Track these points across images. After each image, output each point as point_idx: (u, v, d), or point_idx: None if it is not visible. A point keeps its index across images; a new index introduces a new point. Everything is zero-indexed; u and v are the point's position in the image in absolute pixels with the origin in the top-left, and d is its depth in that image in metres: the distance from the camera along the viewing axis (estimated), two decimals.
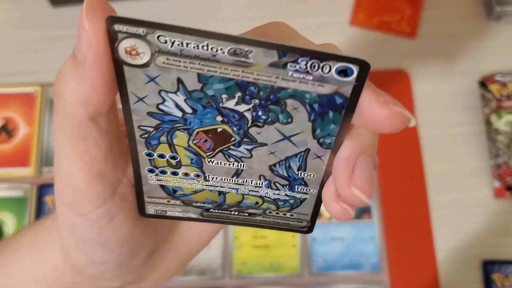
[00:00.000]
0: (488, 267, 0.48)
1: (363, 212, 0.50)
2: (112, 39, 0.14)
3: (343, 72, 0.15)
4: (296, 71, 0.15)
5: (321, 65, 0.15)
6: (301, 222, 0.20)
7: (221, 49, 0.14)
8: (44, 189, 0.51)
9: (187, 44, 0.14)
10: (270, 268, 0.49)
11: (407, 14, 0.58)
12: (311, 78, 0.15)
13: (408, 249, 0.49)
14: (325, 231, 0.50)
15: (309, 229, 0.21)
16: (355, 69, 0.15)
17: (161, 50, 0.14)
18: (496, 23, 0.56)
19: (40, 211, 0.51)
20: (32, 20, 0.58)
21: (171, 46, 0.14)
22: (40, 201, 0.51)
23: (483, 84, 0.53)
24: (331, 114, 0.16)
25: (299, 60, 0.14)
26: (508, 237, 0.50)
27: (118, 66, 0.15)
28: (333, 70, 0.15)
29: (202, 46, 0.14)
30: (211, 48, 0.14)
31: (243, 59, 0.14)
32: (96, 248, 0.19)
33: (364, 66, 0.15)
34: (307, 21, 0.57)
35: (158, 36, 0.14)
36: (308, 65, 0.15)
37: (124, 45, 0.14)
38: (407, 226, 0.50)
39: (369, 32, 0.57)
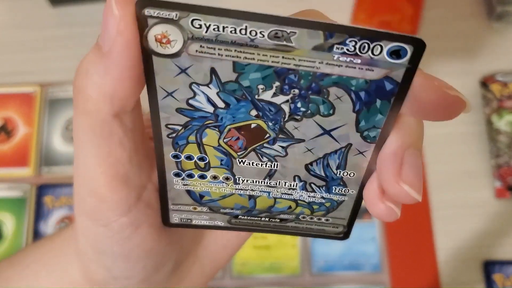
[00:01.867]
0: (489, 267, 0.48)
1: (364, 212, 0.50)
2: (142, 25, 0.13)
3: (396, 54, 0.13)
4: (343, 53, 0.13)
5: (372, 46, 0.13)
6: (337, 227, 0.19)
7: (261, 32, 0.13)
8: (44, 189, 0.51)
9: (223, 28, 0.13)
10: (271, 268, 0.49)
11: (407, 14, 0.58)
12: (359, 61, 0.13)
13: (408, 250, 0.49)
14: None
15: (345, 235, 0.19)
16: (409, 49, 0.13)
17: (194, 37, 0.13)
18: (497, 23, 0.56)
19: (39, 211, 0.50)
20: (31, 20, 0.58)
21: (206, 32, 0.13)
22: (39, 201, 0.51)
23: (484, 84, 0.53)
24: (378, 102, 0.14)
25: (347, 41, 0.13)
26: (509, 237, 0.50)
27: (146, 56, 0.14)
28: (384, 51, 0.13)
29: (240, 30, 0.13)
30: (250, 32, 0.13)
31: (284, 42, 0.13)
32: (119, 261, 0.18)
33: (419, 46, 0.13)
34: None
35: (193, 21, 0.13)
36: (357, 46, 0.13)
37: (155, 32, 0.13)
38: (408, 226, 0.50)
39: None
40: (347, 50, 0.13)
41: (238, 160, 0.16)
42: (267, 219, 0.19)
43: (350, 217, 0.19)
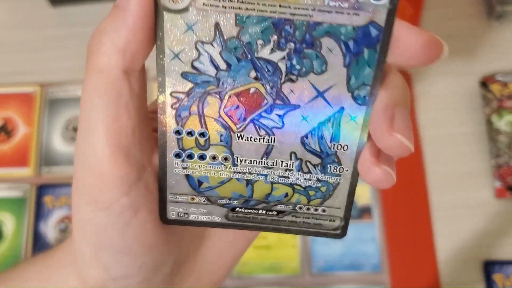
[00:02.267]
0: (489, 267, 0.48)
1: (364, 212, 0.50)
2: None
3: None
4: None
5: None
6: (334, 220, 0.19)
7: None
8: (44, 189, 0.51)
9: None
10: (271, 268, 0.49)
11: (408, 14, 0.58)
12: (346, 5, 0.15)
13: (408, 250, 0.49)
14: None
15: (343, 230, 0.19)
16: None
17: None
18: (497, 23, 0.56)
19: (39, 211, 0.51)
20: (31, 20, 0.58)
21: None
22: (39, 201, 0.51)
23: (484, 84, 0.53)
24: (366, 52, 0.16)
25: None
26: (509, 237, 0.50)
27: (158, 12, 0.15)
28: None
29: None
30: None
31: None
32: (117, 257, 0.17)
33: None
34: None
35: None
36: None
37: None
38: (408, 226, 0.50)
39: None
40: None
41: (237, 134, 0.17)
42: (264, 211, 0.19)
43: (346, 207, 0.19)
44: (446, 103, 0.54)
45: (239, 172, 0.18)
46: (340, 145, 0.17)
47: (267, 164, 0.18)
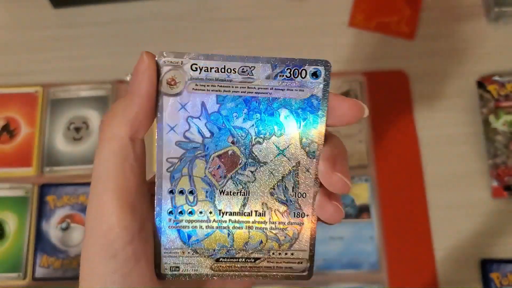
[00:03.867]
0: (486, 266, 0.49)
1: (362, 211, 0.50)
2: (159, 72, 0.20)
3: (315, 74, 0.21)
4: (284, 79, 0.20)
5: (300, 70, 0.21)
6: (301, 262, 0.23)
7: (233, 69, 0.20)
8: (46, 188, 0.51)
9: (210, 69, 0.20)
10: None
11: (406, 15, 0.58)
12: (294, 84, 0.21)
13: (406, 249, 0.49)
14: (324, 230, 0.50)
15: (309, 271, 0.23)
16: (322, 70, 0.21)
17: (192, 78, 0.20)
18: (495, 24, 0.56)
19: (42, 210, 0.51)
20: (33, 20, 0.59)
21: (199, 73, 0.20)
22: (41, 200, 0.51)
23: (481, 84, 0.53)
24: (311, 117, 0.21)
25: (285, 69, 0.21)
26: (506, 236, 0.50)
27: (159, 97, 0.20)
28: (308, 73, 0.21)
29: (221, 69, 0.20)
30: (227, 69, 0.20)
31: (248, 76, 0.20)
32: None
33: (327, 66, 0.21)
34: (306, 22, 0.58)
35: (191, 65, 0.20)
36: (292, 72, 0.21)
37: (167, 77, 0.20)
38: (406, 225, 0.50)
39: (368, 33, 0.57)
40: (286, 76, 0.21)
41: (220, 190, 0.21)
42: (243, 259, 0.22)
43: (310, 248, 0.23)
44: (444, 103, 0.54)
45: (222, 224, 0.22)
46: (300, 193, 0.22)
47: (244, 213, 0.22)
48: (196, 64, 0.20)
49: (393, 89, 0.55)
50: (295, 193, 0.22)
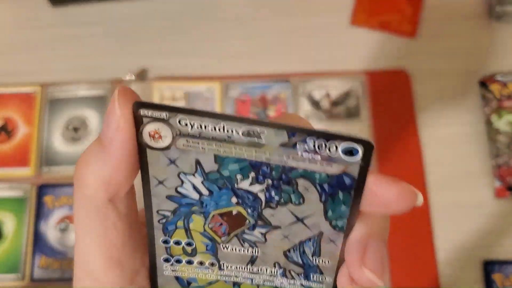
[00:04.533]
0: (489, 267, 0.49)
1: None
2: (138, 123, 0.15)
3: (349, 152, 0.15)
4: (305, 150, 0.15)
5: (328, 144, 0.15)
6: None
7: (235, 130, 0.15)
8: (44, 189, 0.51)
9: (205, 127, 0.15)
10: None
11: (407, 14, 0.58)
12: (319, 157, 0.15)
13: (408, 249, 0.49)
14: None
15: None
16: (360, 149, 0.15)
17: (181, 133, 0.15)
18: (497, 23, 0.56)
19: (40, 211, 0.51)
20: (32, 20, 0.59)
21: (191, 129, 0.15)
22: (39, 201, 0.51)
23: (484, 84, 0.53)
24: (341, 194, 0.16)
25: (307, 140, 0.15)
26: (508, 237, 0.50)
27: (141, 149, 0.16)
28: (339, 149, 0.15)
29: (219, 128, 0.15)
30: (227, 130, 0.15)
31: (255, 139, 0.15)
32: None
33: (368, 147, 0.15)
34: (307, 21, 0.58)
35: (180, 120, 0.15)
36: (316, 144, 0.15)
37: (148, 129, 0.15)
38: (408, 226, 0.50)
39: (370, 31, 0.57)
40: (308, 147, 0.15)
41: (222, 245, 0.18)
42: None
43: None
44: (446, 102, 0.54)
45: (226, 275, 0.19)
46: (322, 259, 0.18)
47: (252, 270, 0.19)
48: (185, 120, 0.15)
49: (395, 88, 0.55)
50: (315, 258, 0.18)
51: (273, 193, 0.17)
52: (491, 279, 0.48)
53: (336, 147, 0.15)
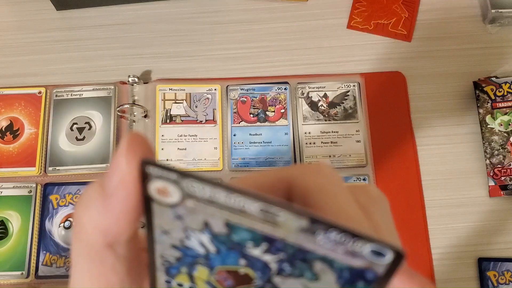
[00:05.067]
0: (483, 264, 0.49)
1: None
2: (145, 177, 0.14)
3: (377, 253, 0.14)
4: (326, 240, 0.14)
5: (354, 241, 0.14)
6: None
7: (249, 205, 0.14)
8: (49, 188, 0.52)
9: (216, 195, 0.14)
10: None
11: (403, 17, 0.58)
12: (341, 249, 0.14)
13: (403, 247, 0.50)
14: None
15: None
16: (390, 254, 0.14)
17: (191, 195, 0.14)
18: (491, 26, 0.57)
19: (45, 209, 0.51)
20: (36, 23, 0.59)
21: (201, 194, 0.14)
22: (44, 199, 0.51)
23: (478, 85, 0.54)
24: (361, 284, 0.15)
25: (330, 231, 0.14)
26: (502, 235, 0.50)
27: (147, 201, 0.15)
28: (366, 249, 0.14)
29: (232, 199, 0.14)
30: (240, 203, 0.14)
31: (271, 218, 0.14)
32: None
33: (398, 255, 0.14)
34: (306, 24, 0.58)
35: (190, 184, 0.14)
36: (340, 237, 0.14)
37: (156, 185, 0.14)
38: (403, 224, 0.51)
39: (366, 34, 0.57)
40: (330, 238, 0.14)
41: None
42: None
43: None
44: (441, 104, 0.55)
45: None
46: None
47: None
48: (196, 185, 0.14)
49: (390, 89, 0.55)
50: None
51: (285, 266, 0.15)
52: (486, 276, 0.48)
53: (362, 246, 0.14)
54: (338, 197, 0.16)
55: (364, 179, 0.52)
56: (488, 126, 0.52)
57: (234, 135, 0.54)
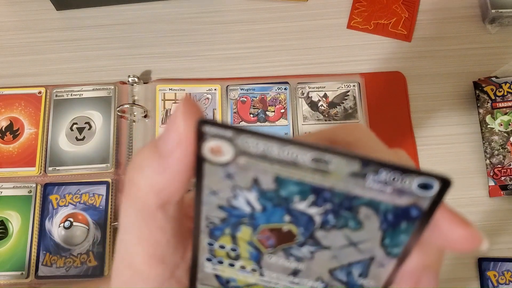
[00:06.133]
0: (483, 264, 0.49)
1: None
2: (200, 137, 0.15)
3: (424, 186, 0.15)
4: (376, 181, 0.15)
5: (403, 178, 0.14)
6: None
7: (302, 156, 0.14)
8: (49, 188, 0.52)
9: (270, 149, 0.15)
10: None
11: (403, 17, 0.58)
12: (390, 189, 0.15)
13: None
14: None
15: None
16: (436, 184, 0.15)
17: (244, 152, 0.15)
18: (491, 26, 0.57)
19: (45, 209, 0.51)
20: (36, 23, 0.59)
21: (255, 150, 0.15)
22: (44, 200, 0.51)
23: (478, 85, 0.54)
24: (404, 224, 0.16)
25: (381, 171, 0.14)
26: (502, 235, 0.50)
27: (199, 162, 0.15)
28: (414, 183, 0.15)
29: (284, 152, 0.15)
30: (293, 155, 0.15)
31: (323, 166, 0.15)
32: None
33: (445, 183, 0.15)
34: (306, 24, 0.58)
35: (244, 140, 0.15)
36: (389, 177, 0.15)
37: (210, 144, 0.15)
38: None
39: (366, 34, 0.57)
40: (380, 179, 0.15)
41: (267, 255, 0.18)
42: None
43: None
44: (441, 104, 0.55)
45: (266, 281, 0.19)
46: (367, 281, 0.18)
47: (293, 280, 0.18)
48: (251, 141, 0.14)
49: (390, 90, 0.55)
50: (361, 279, 0.18)
51: (330, 217, 0.16)
52: (486, 276, 0.48)
53: (411, 181, 0.14)
54: (376, 147, 0.18)
55: None
56: (488, 126, 0.52)
57: None
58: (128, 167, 0.17)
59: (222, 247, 0.18)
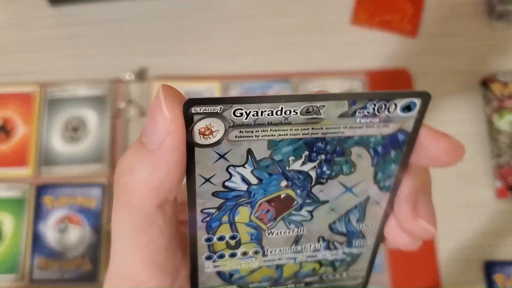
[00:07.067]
0: (490, 267, 0.48)
1: None
2: (188, 122, 0.14)
3: (407, 108, 0.16)
4: (364, 116, 0.16)
5: (388, 105, 0.16)
6: (356, 279, 0.21)
7: (294, 110, 0.15)
8: (43, 189, 0.51)
9: (262, 113, 0.15)
10: None
11: (408, 13, 0.58)
12: (377, 120, 0.16)
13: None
14: None
15: (364, 284, 0.21)
16: (417, 102, 0.16)
17: (235, 124, 0.15)
18: (498, 22, 0.56)
19: (39, 211, 0.50)
20: (30, 19, 0.58)
21: (246, 118, 0.15)
22: (38, 201, 0.51)
23: (485, 83, 0.53)
24: (392, 153, 0.17)
25: (368, 105, 0.15)
26: (510, 237, 0.50)
27: (189, 149, 0.15)
28: (398, 107, 0.16)
29: (277, 111, 0.15)
30: (285, 112, 0.15)
31: (314, 115, 0.15)
32: None
33: (426, 98, 0.16)
34: (308, 20, 0.57)
35: (235, 111, 0.14)
36: (376, 107, 0.16)
37: (199, 126, 0.15)
38: None
39: (371, 31, 0.57)
40: (367, 112, 0.16)
41: (267, 232, 0.18)
42: (292, 285, 0.20)
43: (368, 267, 0.20)
44: (447, 102, 0.54)
45: (269, 260, 0.19)
46: (365, 224, 0.19)
47: (296, 250, 0.19)
48: (241, 109, 0.14)
49: (395, 87, 0.54)
50: (359, 224, 0.19)
51: (324, 168, 0.17)
52: (492, 280, 0.48)
53: (395, 106, 0.16)
54: None
55: None
56: (495, 125, 0.52)
57: None
58: (116, 174, 0.16)
59: (220, 238, 0.18)
